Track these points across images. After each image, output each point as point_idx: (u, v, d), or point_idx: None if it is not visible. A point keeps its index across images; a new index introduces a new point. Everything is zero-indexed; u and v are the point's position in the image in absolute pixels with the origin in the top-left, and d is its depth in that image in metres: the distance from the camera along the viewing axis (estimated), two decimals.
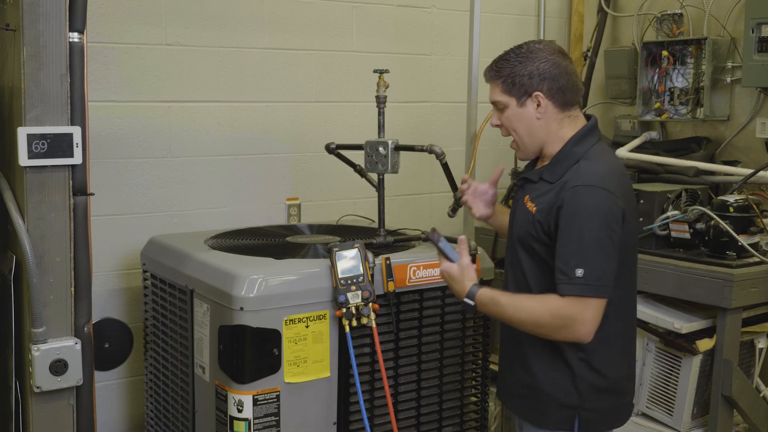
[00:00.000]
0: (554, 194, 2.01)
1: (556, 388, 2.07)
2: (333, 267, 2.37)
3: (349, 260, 2.39)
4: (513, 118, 2.10)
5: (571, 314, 1.94)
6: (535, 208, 2.05)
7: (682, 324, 2.76)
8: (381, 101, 2.72)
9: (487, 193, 2.37)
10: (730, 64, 3.58)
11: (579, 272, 1.92)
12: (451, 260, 2.15)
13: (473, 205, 2.38)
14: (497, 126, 2.16)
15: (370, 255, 2.44)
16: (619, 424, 2.16)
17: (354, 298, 2.36)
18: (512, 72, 2.06)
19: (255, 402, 2.29)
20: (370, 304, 2.38)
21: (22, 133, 2.14)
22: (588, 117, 2.15)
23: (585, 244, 1.93)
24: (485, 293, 2.07)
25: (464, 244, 2.15)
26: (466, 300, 2.09)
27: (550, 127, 2.09)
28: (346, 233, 2.94)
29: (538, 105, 2.06)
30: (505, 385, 2.24)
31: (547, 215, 2.01)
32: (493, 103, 2.13)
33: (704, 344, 2.77)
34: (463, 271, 2.11)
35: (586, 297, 1.93)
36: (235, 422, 2.30)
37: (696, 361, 2.80)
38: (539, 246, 2.04)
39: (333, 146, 2.94)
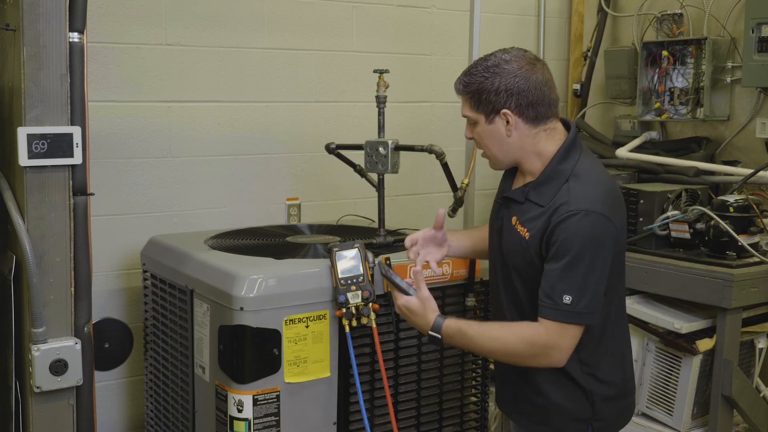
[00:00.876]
0: (546, 218, 1.93)
1: (568, 404, 2.03)
2: (333, 267, 2.37)
3: (349, 260, 2.39)
4: (483, 134, 2.02)
5: (549, 342, 1.89)
6: (527, 234, 1.96)
7: (682, 324, 2.77)
8: (381, 101, 2.72)
9: (435, 237, 2.24)
10: (730, 64, 3.58)
11: (566, 299, 1.87)
12: (405, 293, 2.06)
13: (428, 257, 2.21)
14: (470, 138, 2.09)
15: (370, 255, 2.44)
16: (626, 423, 2.15)
17: (354, 298, 2.36)
18: (479, 88, 1.97)
19: (255, 402, 2.29)
20: (370, 304, 2.38)
21: (22, 133, 2.14)
22: (566, 124, 2.06)
23: (576, 271, 1.87)
24: (451, 325, 1.98)
25: (420, 276, 2.04)
26: (431, 333, 1.99)
27: (524, 143, 1.99)
28: (346, 233, 2.94)
29: (507, 122, 1.97)
30: (510, 403, 2.17)
31: (540, 241, 1.93)
32: (464, 116, 2.05)
33: (704, 344, 2.77)
34: (425, 303, 2.02)
35: (567, 324, 1.88)
36: (235, 422, 2.30)
37: (696, 361, 2.80)
38: (534, 273, 1.96)
39: (333, 146, 2.94)
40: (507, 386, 2.18)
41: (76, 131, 2.21)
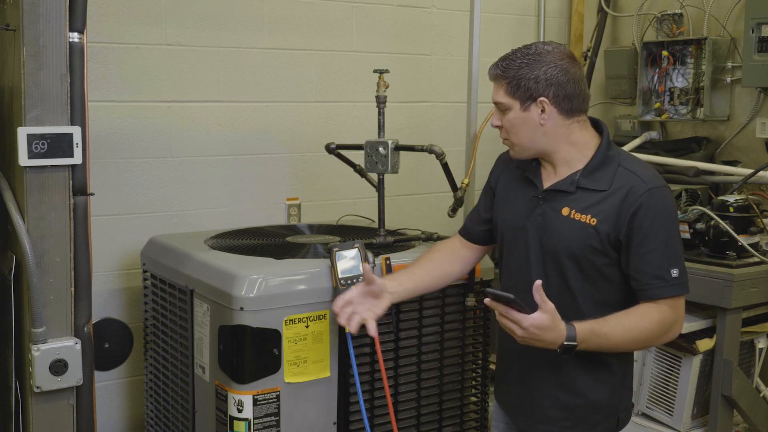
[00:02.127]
0: (619, 201, 1.93)
1: (603, 398, 2.04)
2: (333, 267, 2.37)
3: (349, 260, 2.39)
4: (515, 121, 2.00)
5: (674, 316, 1.94)
6: (595, 220, 1.94)
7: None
8: (381, 101, 2.72)
9: (371, 291, 2.13)
10: (730, 64, 3.58)
11: (675, 272, 1.92)
12: (526, 312, 1.84)
13: (367, 315, 2.10)
14: (497, 126, 2.06)
15: (370, 255, 2.44)
16: (632, 406, 2.19)
17: None
18: (518, 74, 1.96)
19: (255, 402, 2.29)
20: None
21: (22, 133, 2.14)
22: (593, 121, 2.09)
23: (672, 243, 1.93)
24: (583, 328, 1.88)
25: (541, 290, 1.86)
26: (566, 344, 1.87)
27: (557, 133, 2.00)
28: (346, 233, 2.94)
29: (542, 111, 1.96)
30: (534, 413, 2.12)
31: (615, 224, 1.92)
32: (496, 103, 2.03)
33: (704, 344, 2.77)
34: (554, 316, 1.85)
35: (681, 296, 1.94)
36: (235, 422, 2.30)
37: (696, 361, 2.80)
38: (600, 258, 1.95)
39: (333, 146, 2.94)
40: (525, 397, 2.13)
41: (76, 131, 2.21)
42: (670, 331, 1.96)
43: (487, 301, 1.89)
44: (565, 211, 2.00)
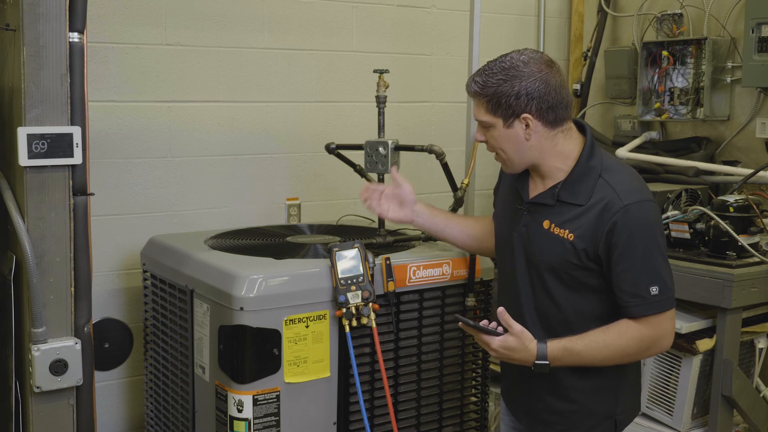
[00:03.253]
0: (595, 217, 1.91)
1: (599, 405, 2.05)
2: (333, 267, 2.37)
3: (349, 260, 2.39)
4: (500, 138, 1.97)
5: (655, 333, 1.93)
6: (572, 235, 1.93)
7: (682, 324, 2.76)
8: (381, 101, 2.72)
9: (397, 195, 2.21)
10: (730, 64, 3.58)
11: (654, 290, 1.89)
12: (493, 334, 1.95)
13: (384, 206, 2.21)
14: (482, 142, 2.04)
15: (370, 255, 2.44)
16: (638, 411, 2.18)
17: (354, 298, 2.36)
18: (497, 91, 1.92)
19: (255, 402, 2.29)
20: (370, 304, 2.38)
21: (22, 133, 2.14)
22: (576, 123, 2.06)
23: (652, 260, 1.89)
24: (555, 347, 1.93)
25: (505, 314, 1.95)
26: (537, 363, 1.93)
27: (543, 145, 1.97)
28: (346, 233, 2.94)
29: (527, 126, 1.94)
30: (526, 412, 2.17)
31: (591, 240, 1.91)
32: (477, 120, 2.00)
33: (704, 344, 2.77)
34: (521, 336, 1.92)
35: (663, 313, 1.91)
36: (235, 422, 2.30)
37: (696, 361, 2.80)
38: (581, 272, 1.95)
39: (333, 146, 2.94)
40: (523, 398, 2.16)
41: (76, 131, 2.21)
42: (653, 347, 1.96)
43: (459, 325, 1.98)
44: (546, 224, 1.99)
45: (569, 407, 2.06)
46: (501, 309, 1.94)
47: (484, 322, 1.99)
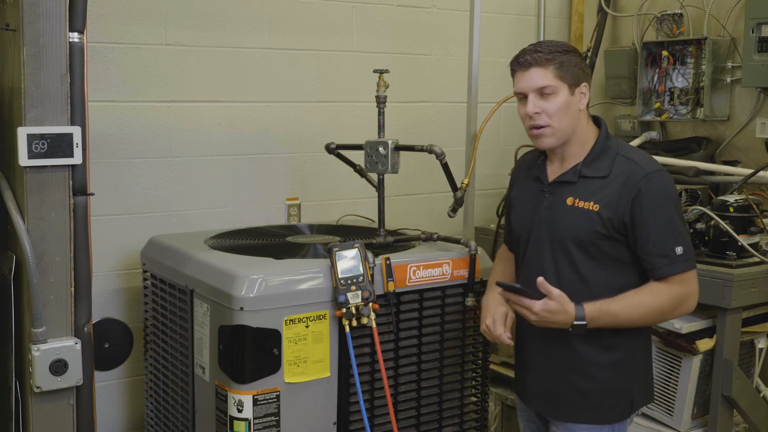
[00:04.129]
0: (619, 186, 2.05)
1: (617, 382, 2.15)
2: (333, 267, 2.37)
3: (349, 260, 2.39)
4: (562, 105, 2.06)
5: (684, 291, 2.06)
6: (597, 206, 2.06)
7: (682, 324, 2.76)
8: (381, 101, 2.72)
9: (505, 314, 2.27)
10: (730, 64, 3.58)
11: (679, 250, 2.04)
12: (534, 298, 2.04)
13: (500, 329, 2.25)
14: (536, 114, 2.08)
15: (370, 255, 2.44)
16: (651, 398, 2.28)
17: (354, 298, 2.36)
18: (564, 60, 2.06)
19: (255, 402, 2.29)
20: (370, 304, 2.38)
21: (22, 133, 2.14)
22: (593, 118, 2.21)
23: (674, 223, 2.04)
24: (591, 308, 2.03)
25: (545, 283, 2.04)
26: (576, 323, 2.03)
27: (581, 121, 2.12)
28: (346, 233, 2.94)
29: (583, 95, 2.10)
30: (553, 398, 2.22)
31: (616, 209, 2.04)
32: (541, 88, 2.06)
33: (704, 344, 2.77)
34: (561, 300, 2.02)
35: (689, 271, 2.06)
36: (235, 422, 2.30)
37: (696, 361, 2.80)
38: (605, 242, 2.06)
39: (333, 146, 2.94)
40: (543, 381, 2.23)
41: (76, 131, 2.21)
42: (683, 305, 2.08)
43: (499, 291, 2.11)
44: (569, 201, 2.11)
45: (589, 385, 2.14)
46: (540, 278, 2.03)
47: (541, 281, 2.07)
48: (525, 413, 2.39)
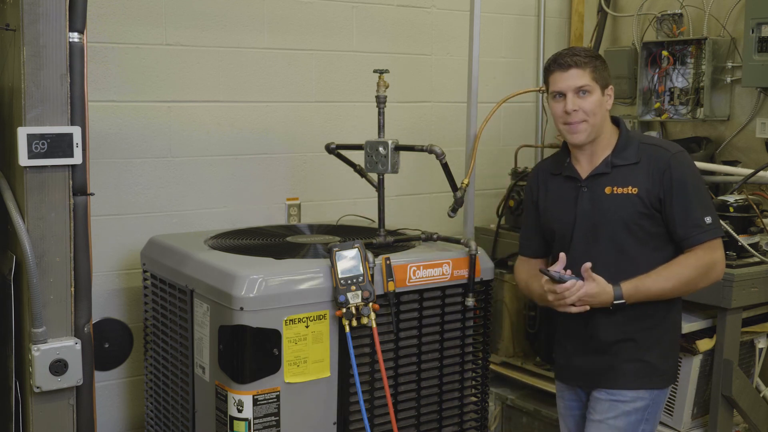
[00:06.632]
0: (651, 167, 2.25)
1: (666, 350, 2.34)
2: (333, 267, 2.37)
3: (349, 260, 2.39)
4: (596, 104, 2.27)
5: (711, 259, 2.24)
6: (635, 189, 2.25)
7: (682, 324, 2.76)
8: (381, 101, 2.72)
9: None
10: (730, 64, 3.58)
11: (708, 219, 2.23)
12: (567, 281, 2.22)
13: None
14: (574, 111, 2.26)
15: (370, 255, 2.44)
16: (675, 375, 2.45)
17: (354, 298, 2.36)
18: (597, 64, 2.28)
19: (255, 402, 2.29)
20: (370, 304, 2.38)
21: (22, 133, 2.14)
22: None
23: (701, 195, 2.26)
24: (627, 286, 2.23)
25: (589, 270, 2.23)
26: (616, 303, 2.23)
27: (607, 119, 2.34)
28: (346, 233, 2.93)
29: (610, 97, 2.32)
30: (591, 375, 2.36)
31: (653, 187, 2.24)
32: (579, 87, 2.25)
33: (704, 344, 2.77)
34: (600, 283, 2.23)
35: (717, 239, 2.25)
36: (235, 422, 2.30)
37: (696, 361, 2.80)
38: (646, 221, 2.25)
39: (333, 146, 2.94)
40: (596, 362, 2.35)
41: (76, 131, 2.21)
42: (711, 271, 2.25)
43: (543, 281, 2.27)
44: (607, 190, 2.30)
45: (644, 361, 2.30)
46: (588, 264, 2.23)
47: (586, 267, 2.24)
48: (566, 393, 2.48)
